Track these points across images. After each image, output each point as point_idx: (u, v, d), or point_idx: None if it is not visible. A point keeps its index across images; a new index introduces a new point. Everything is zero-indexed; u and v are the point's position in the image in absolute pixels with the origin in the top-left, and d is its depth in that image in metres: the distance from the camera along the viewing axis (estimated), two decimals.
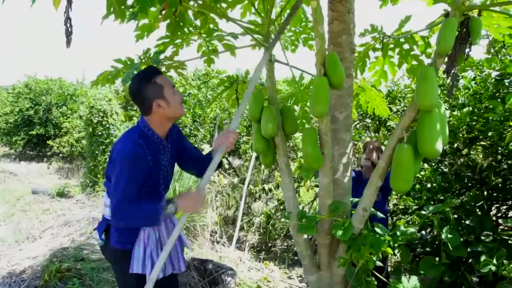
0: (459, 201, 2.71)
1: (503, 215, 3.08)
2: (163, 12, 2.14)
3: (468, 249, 2.26)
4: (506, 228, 2.90)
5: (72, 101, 11.65)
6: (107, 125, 7.15)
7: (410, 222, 2.61)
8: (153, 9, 2.13)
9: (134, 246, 1.95)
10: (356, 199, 2.08)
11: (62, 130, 10.28)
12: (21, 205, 6.49)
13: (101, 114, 7.09)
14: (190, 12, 2.30)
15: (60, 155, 10.34)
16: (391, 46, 2.55)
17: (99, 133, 7.10)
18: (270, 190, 5.36)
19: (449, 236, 2.12)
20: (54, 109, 11.18)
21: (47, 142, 10.36)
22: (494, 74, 3.03)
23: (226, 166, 6.58)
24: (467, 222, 2.51)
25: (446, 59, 1.77)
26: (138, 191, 1.82)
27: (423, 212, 2.37)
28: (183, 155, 2.21)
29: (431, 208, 2.27)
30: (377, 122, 4.47)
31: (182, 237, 2.21)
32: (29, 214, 6.03)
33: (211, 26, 2.39)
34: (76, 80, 13.78)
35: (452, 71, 1.81)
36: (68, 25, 1.48)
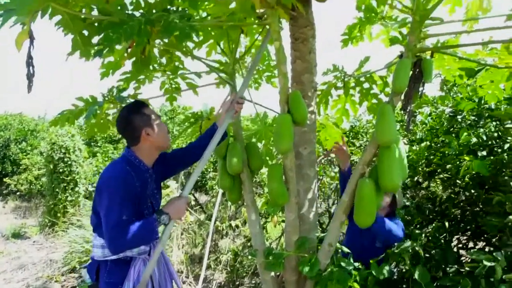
0: (423, 236, 2.78)
1: (464, 246, 3.17)
2: (129, 50, 2.15)
3: (436, 283, 2.30)
4: (468, 259, 2.98)
5: (32, 137, 11.24)
6: (69, 162, 6.91)
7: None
8: (118, 47, 2.14)
9: (123, 285, 1.90)
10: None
11: (21, 167, 9.82)
12: None
13: (63, 151, 6.87)
14: (155, 50, 2.32)
15: (18, 193, 9.83)
16: (352, 85, 2.65)
17: (61, 170, 6.85)
18: (237, 226, 5.30)
19: (420, 274, 2.15)
20: (13, 145, 10.72)
21: (4, 179, 9.86)
22: (447, 110, 3.21)
23: (193, 203, 6.47)
24: (430, 254, 2.56)
25: (402, 97, 1.87)
26: (132, 215, 1.81)
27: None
28: (170, 162, 2.16)
29: (402, 245, 2.31)
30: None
31: (173, 274, 2.17)
32: None
33: (177, 63, 2.41)
34: (38, 116, 13.40)
35: (408, 108, 1.91)
36: (30, 66, 1.44)
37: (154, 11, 1.89)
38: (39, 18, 1.47)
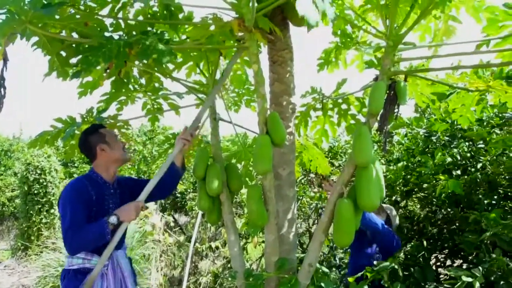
0: (402, 254, 2.82)
1: (442, 264, 3.21)
2: (108, 70, 2.15)
3: None
4: (446, 277, 3.01)
5: (6, 157, 10.94)
6: (45, 183, 6.74)
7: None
8: (98, 67, 2.13)
9: None
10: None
11: None
12: None
13: (39, 171, 6.71)
14: (135, 70, 2.33)
15: None
16: (330, 106, 2.70)
17: (35, 191, 6.67)
18: (217, 247, 5.24)
19: None
20: None
21: None
22: (422, 131, 3.29)
23: (172, 224, 6.38)
24: (409, 272, 2.59)
25: (378, 118, 1.91)
26: (85, 218, 1.97)
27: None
28: (141, 187, 2.18)
29: (381, 264, 2.32)
30: (321, 177, 4.62)
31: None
32: None
33: (156, 84, 2.42)
34: (13, 135, 13.05)
35: (384, 129, 1.95)
36: (1, 88, 1.43)
37: (134, 32, 1.91)
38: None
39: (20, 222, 6.88)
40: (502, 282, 2.07)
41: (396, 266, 2.33)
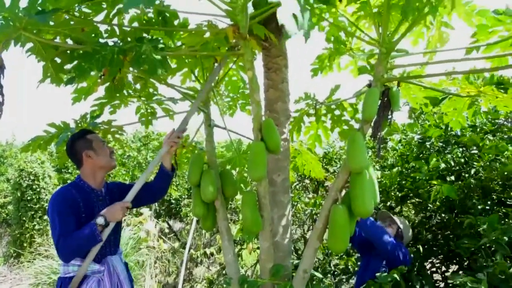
0: None
1: (437, 270, 3.21)
2: (102, 76, 2.15)
3: None
4: (442, 283, 3.01)
5: None
6: (38, 189, 6.69)
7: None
8: (92, 72, 2.13)
9: None
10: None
11: None
12: None
13: (32, 178, 6.66)
14: (129, 76, 2.32)
15: None
16: (324, 112, 2.71)
17: (29, 197, 6.62)
18: (212, 254, 5.21)
19: None
20: None
21: None
22: (416, 137, 3.32)
23: (167, 231, 6.35)
24: (407, 281, 2.58)
25: (372, 124, 1.92)
26: (74, 224, 1.97)
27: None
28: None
29: (383, 275, 2.31)
30: (316, 183, 4.63)
31: None
32: None
33: (151, 90, 2.42)
34: (6, 141, 12.97)
35: (378, 135, 1.96)
36: (0, 95, 1.43)
37: (129, 39, 1.91)
38: None
39: (13, 229, 6.82)
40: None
41: (398, 278, 2.30)
